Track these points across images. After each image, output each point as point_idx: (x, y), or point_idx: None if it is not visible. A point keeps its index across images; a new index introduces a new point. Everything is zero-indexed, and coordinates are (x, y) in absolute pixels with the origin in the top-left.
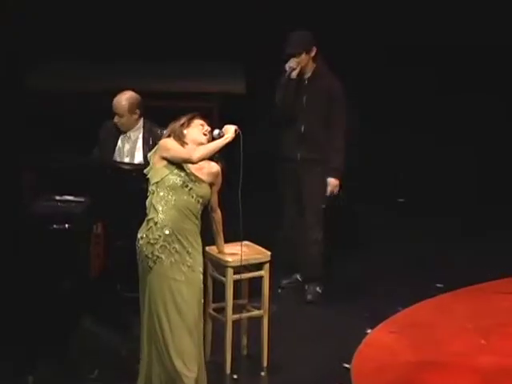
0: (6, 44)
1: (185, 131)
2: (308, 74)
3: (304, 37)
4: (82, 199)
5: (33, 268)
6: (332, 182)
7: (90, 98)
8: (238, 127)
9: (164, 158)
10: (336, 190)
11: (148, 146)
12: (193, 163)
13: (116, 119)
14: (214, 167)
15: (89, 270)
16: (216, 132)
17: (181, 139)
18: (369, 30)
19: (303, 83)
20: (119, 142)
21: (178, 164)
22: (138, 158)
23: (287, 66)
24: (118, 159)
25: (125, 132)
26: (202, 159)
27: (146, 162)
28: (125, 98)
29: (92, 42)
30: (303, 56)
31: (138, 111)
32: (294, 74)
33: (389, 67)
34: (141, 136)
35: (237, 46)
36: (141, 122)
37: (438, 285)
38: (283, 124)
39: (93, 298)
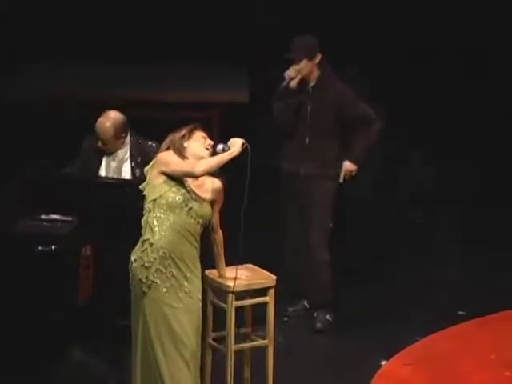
0: (6, 44)
1: (185, 144)
2: (312, 83)
3: (306, 42)
4: (69, 218)
5: (17, 293)
6: (347, 166)
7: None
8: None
9: (163, 173)
10: (348, 177)
11: (136, 162)
12: (195, 177)
13: (99, 144)
14: (217, 183)
15: (77, 294)
16: (220, 147)
17: (181, 153)
18: (368, 30)
19: (307, 92)
20: (104, 159)
21: (178, 180)
22: (126, 175)
23: (286, 75)
24: None
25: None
26: (206, 173)
27: (136, 178)
28: (109, 124)
29: (89, 44)
30: (304, 63)
31: (123, 134)
32: (294, 84)
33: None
34: (128, 152)
35: (239, 51)
36: (127, 138)
37: (460, 312)
38: (284, 137)
39: (82, 324)
